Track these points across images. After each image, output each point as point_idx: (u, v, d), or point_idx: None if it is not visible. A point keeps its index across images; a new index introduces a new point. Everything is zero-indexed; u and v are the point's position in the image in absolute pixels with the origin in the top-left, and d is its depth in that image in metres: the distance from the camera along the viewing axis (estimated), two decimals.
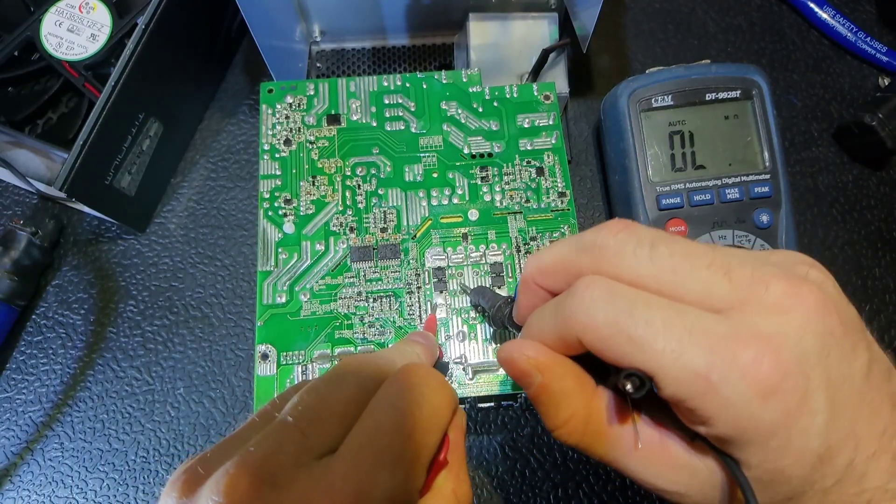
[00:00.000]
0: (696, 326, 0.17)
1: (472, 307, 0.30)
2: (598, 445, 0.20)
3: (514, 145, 0.33)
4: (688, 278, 0.18)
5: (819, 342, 0.17)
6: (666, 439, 0.19)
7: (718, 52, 0.44)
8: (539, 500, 0.34)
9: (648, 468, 0.19)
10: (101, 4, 0.36)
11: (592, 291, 0.18)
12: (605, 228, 0.19)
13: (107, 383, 0.36)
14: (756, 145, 0.36)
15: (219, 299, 0.38)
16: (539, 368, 0.20)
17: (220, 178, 0.41)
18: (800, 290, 0.17)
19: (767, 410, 0.16)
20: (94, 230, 0.39)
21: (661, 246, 0.18)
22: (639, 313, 0.17)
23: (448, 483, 0.20)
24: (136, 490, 0.34)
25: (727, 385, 0.16)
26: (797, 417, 0.17)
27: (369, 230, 0.32)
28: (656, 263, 0.18)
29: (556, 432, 0.20)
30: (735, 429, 0.17)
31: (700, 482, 0.19)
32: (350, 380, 0.20)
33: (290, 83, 0.34)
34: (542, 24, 0.38)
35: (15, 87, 0.37)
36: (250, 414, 0.36)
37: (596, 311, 0.18)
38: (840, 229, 0.40)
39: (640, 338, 0.17)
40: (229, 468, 0.16)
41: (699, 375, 0.16)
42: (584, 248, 0.20)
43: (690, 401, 0.17)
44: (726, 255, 0.18)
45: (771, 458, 0.17)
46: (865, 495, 0.17)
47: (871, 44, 0.43)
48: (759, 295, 0.17)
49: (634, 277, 0.18)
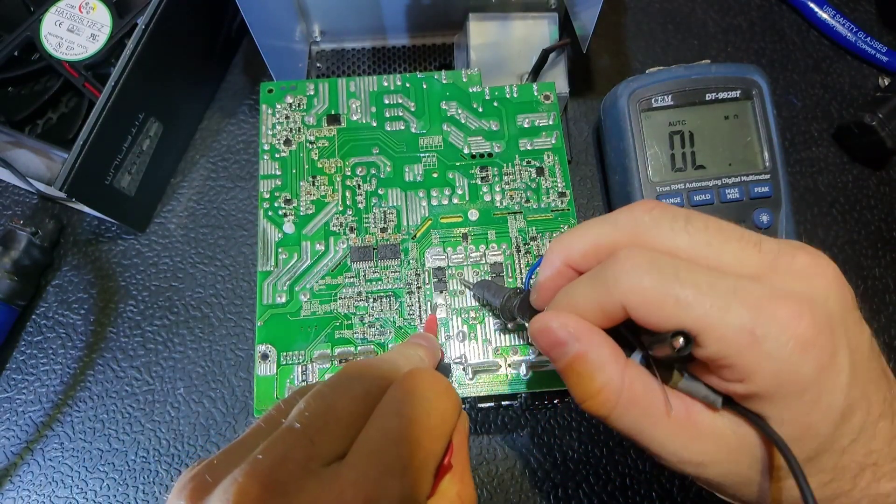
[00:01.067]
0: (737, 288, 0.18)
1: (477, 302, 0.30)
2: (628, 416, 0.20)
3: (514, 145, 0.33)
4: (722, 249, 0.19)
5: (841, 307, 0.19)
6: (692, 409, 0.20)
7: (718, 52, 0.44)
8: (539, 500, 0.34)
9: (676, 439, 0.20)
10: (101, 4, 0.36)
11: (637, 259, 0.19)
12: (637, 206, 0.20)
13: (107, 383, 0.36)
14: (756, 145, 0.36)
15: (219, 299, 0.38)
16: (576, 336, 0.20)
17: (220, 178, 0.41)
18: (820, 262, 0.19)
19: (805, 363, 0.17)
20: (94, 230, 0.39)
21: (696, 221, 0.20)
22: (684, 277, 0.18)
23: (453, 487, 0.20)
24: (136, 490, 0.34)
25: (770, 339, 0.17)
26: (828, 372, 0.18)
27: (369, 230, 0.32)
28: (692, 236, 0.19)
29: (587, 402, 0.20)
30: (774, 382, 0.18)
31: (727, 450, 0.19)
32: (356, 385, 0.20)
33: (290, 83, 0.34)
34: (542, 24, 0.38)
35: (15, 87, 0.37)
36: (250, 414, 0.36)
37: (641, 277, 0.18)
38: (840, 229, 0.40)
39: (686, 298, 0.18)
40: (238, 476, 0.16)
41: (744, 331, 0.17)
42: (618, 226, 0.20)
43: (732, 357, 0.18)
44: (753, 233, 0.20)
45: (803, 413, 0.18)
46: (873, 456, 0.19)
47: (871, 44, 0.43)
48: (787, 263, 0.19)
49: (672, 249, 0.19)
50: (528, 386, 0.29)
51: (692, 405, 0.20)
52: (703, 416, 0.20)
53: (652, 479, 0.35)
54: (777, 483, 0.19)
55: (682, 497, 0.34)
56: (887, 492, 0.19)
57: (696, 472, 0.20)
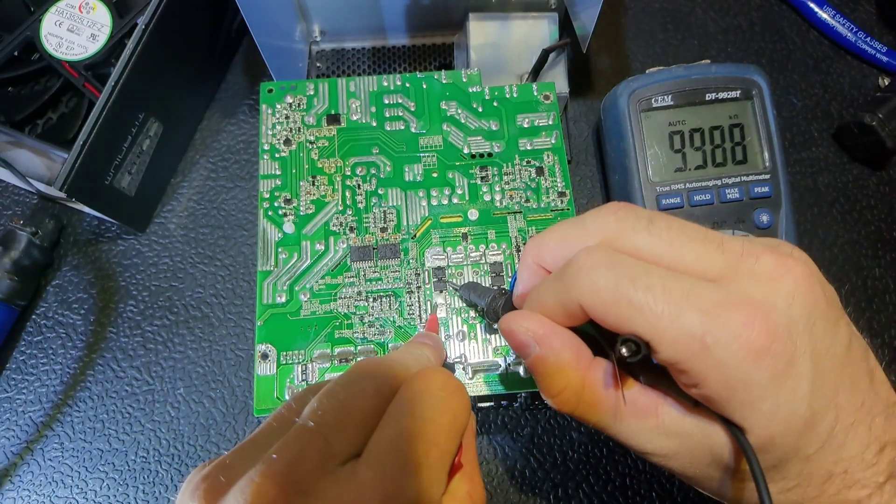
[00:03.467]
0: (692, 292, 0.18)
1: (465, 304, 0.30)
2: (591, 413, 0.21)
3: (513, 145, 0.33)
4: (684, 249, 0.19)
5: (806, 311, 0.18)
6: (660, 407, 0.20)
7: (718, 52, 0.44)
8: (539, 500, 0.34)
9: (640, 434, 0.20)
10: (101, 4, 0.36)
11: (594, 258, 0.19)
12: (604, 209, 0.21)
13: (107, 383, 0.36)
14: (756, 145, 0.36)
15: (219, 299, 0.38)
16: (537, 340, 0.21)
17: (220, 178, 0.41)
18: (787, 262, 0.18)
19: (758, 371, 0.17)
20: (94, 230, 0.39)
21: (659, 221, 0.20)
22: (639, 279, 0.18)
23: (463, 486, 0.20)
24: (136, 490, 0.34)
25: (720, 346, 0.17)
26: (785, 380, 0.17)
27: (369, 230, 0.32)
28: (654, 236, 0.19)
29: (551, 400, 0.21)
30: (726, 389, 0.18)
31: (690, 447, 0.20)
32: (367, 384, 0.20)
33: (290, 83, 0.34)
34: (542, 24, 0.38)
35: (15, 87, 0.37)
36: (250, 414, 0.36)
37: (598, 277, 0.18)
38: (840, 229, 0.40)
39: (640, 301, 0.18)
40: (254, 476, 0.16)
41: (694, 337, 0.17)
42: (586, 228, 0.20)
43: (685, 363, 0.18)
44: (718, 233, 0.20)
45: (763, 424, 0.18)
46: (843, 464, 0.18)
47: (871, 44, 0.43)
48: (749, 265, 0.18)
49: (633, 249, 0.19)
50: (528, 386, 0.29)
51: (663, 403, 0.20)
52: (670, 414, 0.20)
53: (652, 479, 0.35)
54: (737, 483, 0.19)
55: (682, 497, 0.34)
56: (858, 499, 0.18)
57: (660, 462, 0.20)
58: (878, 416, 0.18)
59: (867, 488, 0.18)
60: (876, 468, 0.18)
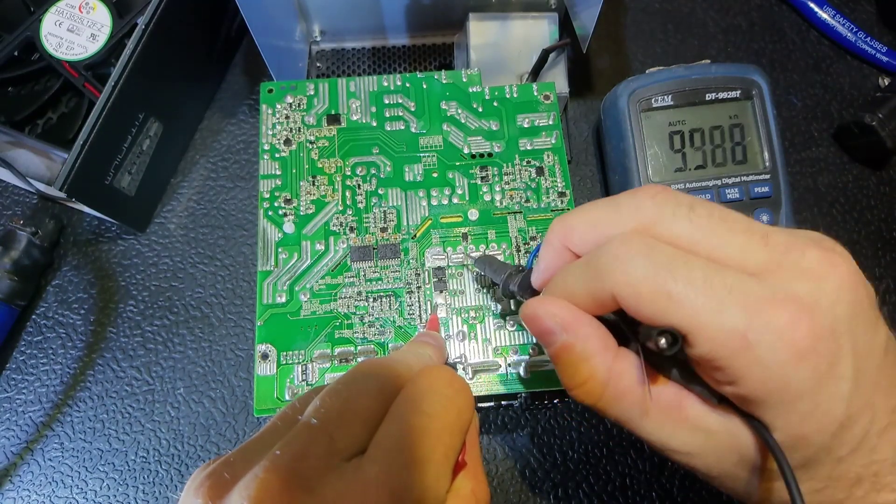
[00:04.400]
0: (735, 286, 0.17)
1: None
2: (615, 406, 0.20)
3: (513, 145, 0.33)
4: (726, 241, 0.18)
5: (850, 310, 0.17)
6: (685, 401, 0.19)
7: (718, 52, 0.44)
8: (539, 500, 0.34)
9: (663, 429, 0.19)
10: (101, 4, 0.36)
11: (631, 247, 0.18)
12: (641, 191, 0.19)
13: (107, 383, 0.36)
14: (756, 145, 0.36)
15: (219, 299, 0.38)
16: (564, 327, 0.20)
17: (220, 178, 0.41)
18: (833, 259, 0.18)
19: (800, 372, 0.17)
20: (94, 230, 0.39)
21: (700, 208, 0.19)
22: (679, 270, 0.17)
23: (468, 483, 0.20)
24: (136, 490, 0.34)
25: (763, 345, 0.16)
26: (826, 382, 0.17)
27: (369, 230, 0.32)
28: (695, 224, 0.18)
29: (574, 391, 0.20)
30: (764, 389, 0.17)
31: (715, 444, 0.19)
32: (371, 382, 0.20)
33: (290, 83, 0.34)
34: (542, 24, 0.38)
35: (15, 87, 0.37)
36: (250, 414, 0.36)
37: (635, 267, 0.18)
38: (840, 229, 0.40)
39: (679, 294, 0.17)
40: (258, 472, 0.16)
41: (736, 334, 0.17)
42: (620, 210, 0.19)
43: (723, 359, 0.17)
44: (761, 224, 0.19)
45: (795, 422, 0.17)
46: (874, 467, 0.18)
47: (871, 44, 0.43)
48: (795, 260, 0.18)
49: (673, 237, 0.18)
50: (528, 386, 0.29)
51: (687, 397, 0.19)
52: (695, 409, 0.19)
53: (652, 479, 0.35)
54: (765, 483, 0.19)
55: (683, 497, 0.34)
56: (886, 503, 0.18)
57: (683, 460, 0.20)
58: None
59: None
60: None
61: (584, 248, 0.20)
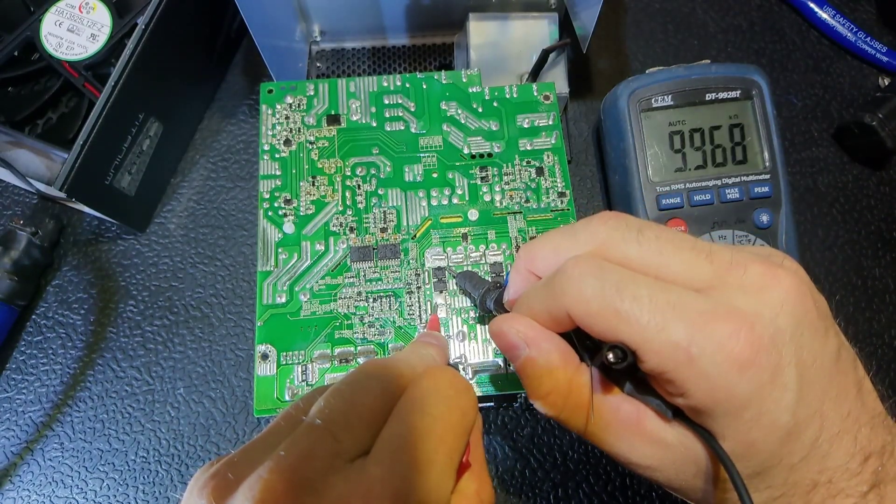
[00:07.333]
0: (678, 302, 0.18)
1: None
2: (575, 419, 0.21)
3: (513, 145, 0.33)
4: (672, 259, 0.19)
5: (793, 321, 0.18)
6: (643, 416, 0.20)
7: (718, 52, 0.44)
8: (539, 500, 0.34)
9: (623, 442, 0.20)
10: (101, 4, 0.36)
11: (582, 268, 0.19)
12: (596, 218, 0.21)
13: (107, 383, 0.36)
14: (756, 145, 0.36)
15: (219, 299, 0.38)
16: (526, 342, 0.21)
17: (220, 178, 0.41)
18: (776, 273, 0.18)
19: (742, 382, 0.17)
20: (94, 230, 0.39)
21: (648, 230, 0.20)
22: (626, 289, 0.18)
23: (472, 484, 0.20)
24: (136, 490, 0.34)
25: (705, 357, 0.17)
26: (769, 391, 0.17)
27: (369, 230, 0.32)
28: (643, 245, 0.19)
29: (537, 403, 0.21)
30: (711, 399, 0.18)
31: (673, 458, 0.20)
32: (374, 383, 0.20)
33: (290, 83, 0.34)
34: (542, 24, 0.38)
35: (15, 87, 0.37)
36: (250, 414, 0.36)
37: (585, 286, 0.19)
38: (840, 229, 0.40)
39: (626, 311, 0.18)
40: (263, 473, 0.16)
41: (680, 348, 0.17)
42: (577, 237, 0.21)
43: (670, 372, 0.18)
44: (707, 242, 0.20)
45: (743, 430, 0.18)
46: (827, 473, 0.18)
47: (871, 44, 0.43)
48: (737, 276, 0.19)
49: (622, 258, 0.19)
50: None
51: (644, 412, 0.20)
52: (652, 424, 0.20)
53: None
54: (723, 494, 0.19)
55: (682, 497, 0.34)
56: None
57: (646, 473, 0.21)
58: (864, 426, 0.19)
59: (851, 497, 0.18)
60: (860, 477, 0.18)
61: (546, 271, 0.22)
